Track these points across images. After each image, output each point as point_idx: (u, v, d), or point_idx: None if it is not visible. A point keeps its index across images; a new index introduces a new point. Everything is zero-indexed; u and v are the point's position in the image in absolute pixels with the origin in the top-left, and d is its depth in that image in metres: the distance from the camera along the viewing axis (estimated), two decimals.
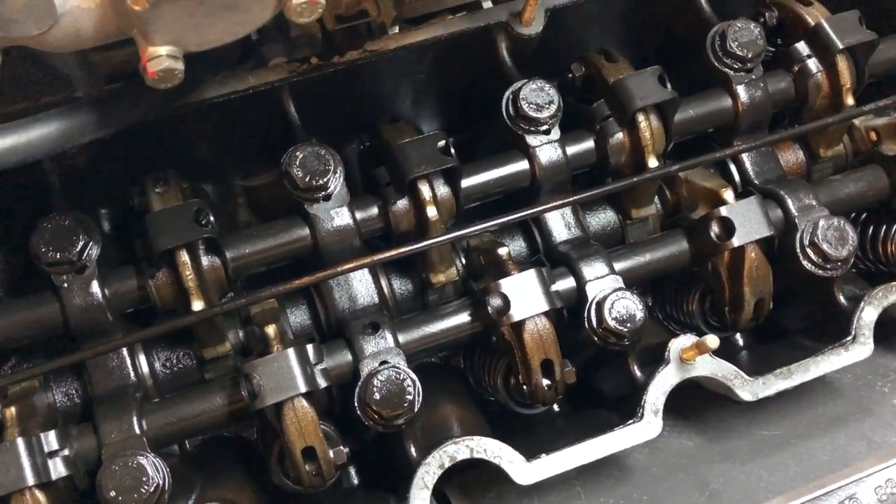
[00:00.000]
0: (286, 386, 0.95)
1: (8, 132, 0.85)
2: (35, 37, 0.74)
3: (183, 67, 0.76)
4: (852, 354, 1.08)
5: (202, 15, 0.73)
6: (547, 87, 1.10)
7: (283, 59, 1.17)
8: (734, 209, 1.07)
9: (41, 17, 0.71)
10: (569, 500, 1.09)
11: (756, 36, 1.15)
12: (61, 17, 0.72)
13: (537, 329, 1.02)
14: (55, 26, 0.72)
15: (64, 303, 1.00)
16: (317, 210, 1.05)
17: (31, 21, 0.71)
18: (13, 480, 0.90)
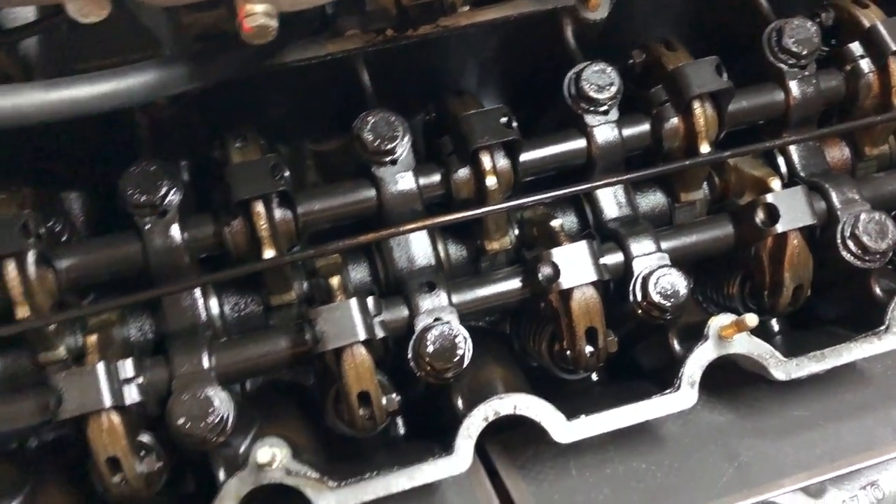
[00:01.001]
0: (347, 333, 1.02)
1: (107, 78, 0.92)
2: None
3: (277, 25, 0.83)
4: (884, 343, 1.12)
5: None
6: (608, 70, 1.16)
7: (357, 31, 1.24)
8: (780, 197, 1.12)
9: None
10: (602, 462, 1.15)
11: (812, 34, 1.20)
12: None
13: (584, 298, 1.07)
14: None
15: (145, 243, 1.07)
16: (383, 173, 1.12)
17: None
18: (92, 401, 0.98)
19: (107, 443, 0.98)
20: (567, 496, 1.11)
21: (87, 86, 0.89)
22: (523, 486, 1.13)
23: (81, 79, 0.89)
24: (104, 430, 0.98)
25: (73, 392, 0.97)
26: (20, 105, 0.84)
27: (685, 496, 1.08)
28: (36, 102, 0.85)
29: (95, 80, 0.90)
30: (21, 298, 1.01)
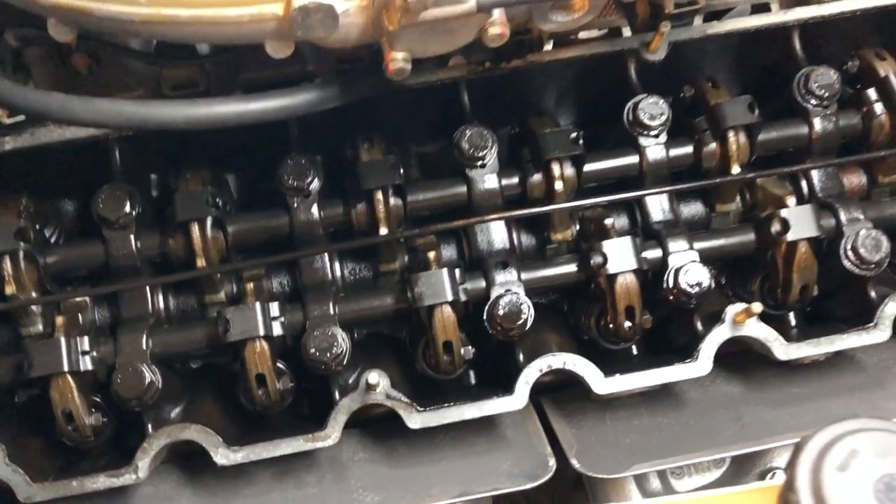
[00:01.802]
0: (438, 294, 1.33)
1: (285, 95, 1.24)
2: (321, 37, 1.13)
3: (410, 68, 1.15)
4: (872, 337, 1.37)
5: (429, 35, 1.11)
6: (661, 102, 1.44)
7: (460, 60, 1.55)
8: (792, 212, 1.38)
9: (329, 26, 1.10)
10: (633, 416, 1.44)
11: (833, 80, 1.46)
12: (340, 27, 1.11)
13: (626, 282, 1.36)
14: (334, 33, 1.11)
15: (292, 217, 1.41)
16: (474, 174, 1.43)
17: (322, 28, 1.10)
18: (251, 330, 1.31)
19: (258, 362, 1.32)
20: (600, 438, 1.40)
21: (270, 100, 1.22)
22: (567, 429, 1.42)
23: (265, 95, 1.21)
24: (257, 352, 1.32)
25: (238, 322, 1.31)
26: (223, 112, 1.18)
27: (694, 444, 1.36)
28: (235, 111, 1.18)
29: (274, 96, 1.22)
30: (200, 252, 1.37)
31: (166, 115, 1.15)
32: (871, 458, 0.83)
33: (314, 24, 1.06)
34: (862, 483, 0.81)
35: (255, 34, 1.09)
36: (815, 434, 0.86)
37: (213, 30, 1.06)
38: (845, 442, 0.84)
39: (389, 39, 1.11)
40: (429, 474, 1.36)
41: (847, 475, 0.82)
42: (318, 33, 1.08)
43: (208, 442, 1.31)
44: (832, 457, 0.83)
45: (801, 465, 0.84)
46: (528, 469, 1.34)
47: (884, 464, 0.83)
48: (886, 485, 0.81)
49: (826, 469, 0.82)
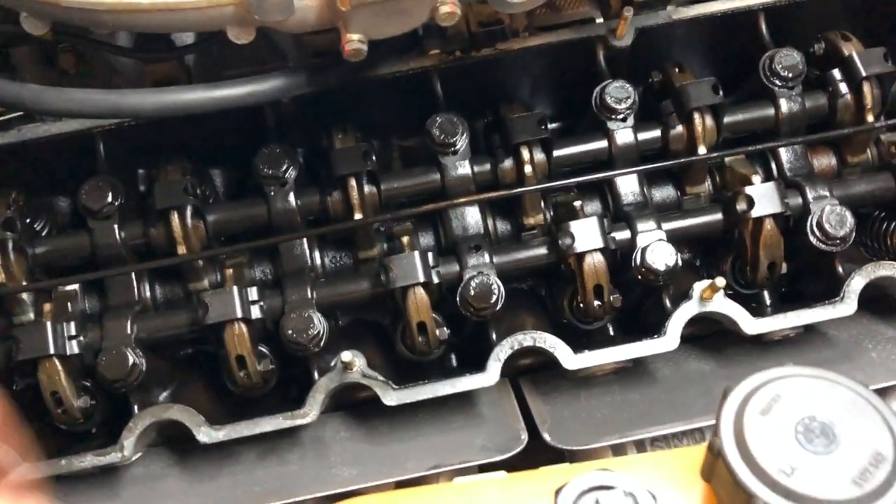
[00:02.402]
0: (410, 276, 1.37)
1: (251, 82, 1.30)
2: (278, 21, 1.19)
3: (366, 49, 1.19)
4: (838, 311, 1.40)
5: (382, 16, 1.15)
6: (627, 86, 1.48)
7: (437, 51, 1.59)
8: (757, 189, 1.41)
9: (285, 10, 1.15)
10: (606, 393, 1.47)
11: (797, 62, 1.49)
12: (296, 11, 1.16)
13: (593, 261, 1.40)
14: (291, 17, 1.16)
15: (269, 205, 1.45)
16: (446, 161, 1.47)
17: (278, 12, 1.15)
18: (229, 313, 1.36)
19: (237, 344, 1.37)
20: (573, 413, 1.43)
21: (237, 87, 1.27)
22: (542, 406, 1.45)
23: (232, 82, 1.27)
24: (235, 334, 1.36)
25: (216, 305, 1.35)
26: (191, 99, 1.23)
27: (663, 417, 1.38)
28: (202, 98, 1.24)
29: (243, 83, 1.28)
30: (180, 240, 1.42)
31: (136, 103, 1.20)
32: (792, 401, 0.86)
33: (270, 8, 1.11)
34: (782, 425, 0.84)
35: (216, 20, 1.14)
36: (742, 381, 0.89)
37: (175, 17, 1.11)
38: (769, 387, 0.87)
39: (344, 21, 1.16)
40: (405, 449, 1.40)
41: (768, 418, 0.85)
42: (274, 17, 1.13)
43: (191, 421, 1.36)
44: (755, 402, 0.86)
45: (725, 410, 0.87)
46: (501, 443, 1.38)
47: (805, 406, 0.85)
48: (806, 426, 0.84)
49: (748, 413, 0.85)
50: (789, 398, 0.86)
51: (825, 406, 0.85)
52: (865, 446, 0.83)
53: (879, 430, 0.84)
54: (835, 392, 0.87)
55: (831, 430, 0.84)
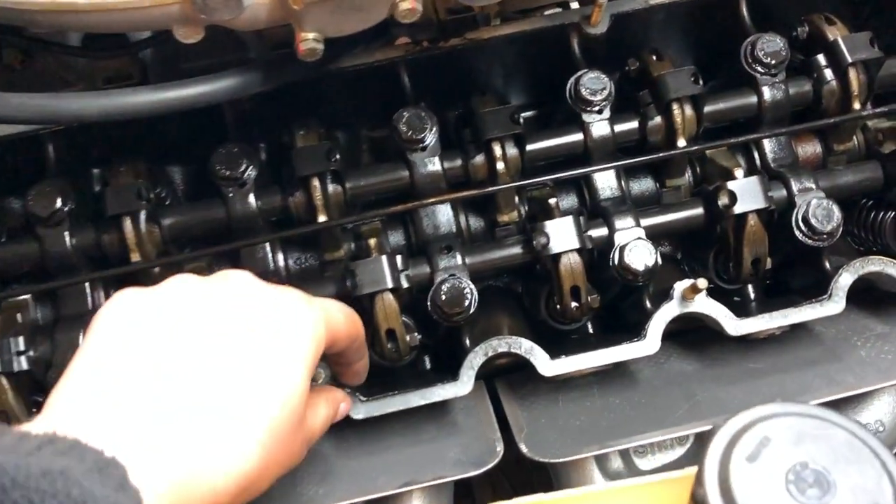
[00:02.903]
0: (378, 281, 1.30)
1: (203, 82, 1.22)
2: (227, 20, 1.11)
3: (323, 48, 1.11)
4: (825, 309, 1.34)
5: (338, 13, 1.08)
6: (602, 77, 1.40)
7: (406, 40, 1.51)
8: (739, 184, 1.35)
9: (233, 8, 1.07)
10: (585, 397, 1.41)
11: (780, 47, 1.42)
12: (246, 9, 1.09)
13: (570, 262, 1.33)
14: (241, 15, 1.08)
15: (228, 208, 1.38)
16: (415, 158, 1.40)
17: (226, 10, 1.07)
18: None
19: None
20: (550, 420, 1.37)
21: (187, 88, 1.19)
22: (518, 412, 1.39)
23: (182, 83, 1.19)
24: None
25: None
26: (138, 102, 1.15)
27: (643, 425, 1.32)
28: (149, 100, 1.16)
29: (194, 83, 1.20)
30: (133, 247, 1.34)
31: (78, 108, 1.12)
32: (783, 446, 0.79)
33: (217, 6, 1.03)
34: (772, 473, 0.78)
35: (161, 19, 1.06)
36: (726, 422, 0.82)
37: (116, 16, 1.03)
38: (756, 429, 0.81)
39: (297, 19, 1.08)
40: (375, 464, 1.34)
41: (757, 465, 0.78)
42: (222, 15, 1.05)
43: None
44: (741, 446, 0.80)
45: (709, 456, 0.80)
46: (476, 455, 1.32)
47: (797, 452, 0.79)
48: (797, 475, 0.77)
49: (735, 460, 0.79)
50: (779, 442, 0.80)
51: (818, 450, 0.79)
52: (863, 498, 0.76)
53: (878, 477, 0.77)
54: (829, 433, 0.80)
55: (825, 478, 0.77)
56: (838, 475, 0.77)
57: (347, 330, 1.17)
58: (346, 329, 1.16)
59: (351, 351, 1.21)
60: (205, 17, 1.04)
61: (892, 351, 1.40)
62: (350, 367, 1.26)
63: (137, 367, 0.93)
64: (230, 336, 0.99)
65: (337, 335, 1.13)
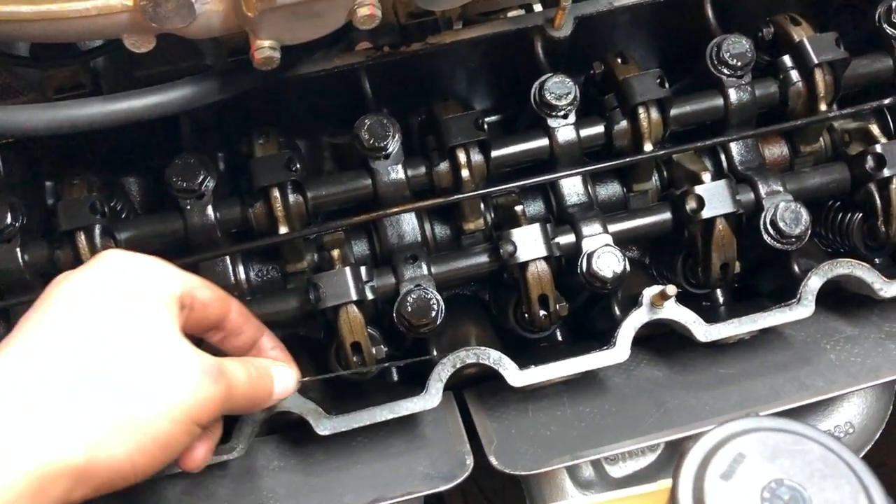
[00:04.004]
0: (342, 294, 1.27)
1: (155, 93, 1.18)
2: (179, 28, 1.07)
3: (279, 56, 1.08)
4: (795, 314, 1.33)
5: (294, 21, 1.04)
6: (567, 81, 1.38)
7: (367, 45, 1.48)
8: (707, 188, 1.33)
9: (185, 16, 1.03)
10: (555, 406, 1.39)
11: (746, 49, 1.40)
12: (199, 16, 1.05)
13: (537, 270, 1.31)
14: (194, 22, 1.05)
15: (186, 220, 1.34)
16: (378, 166, 1.37)
17: (178, 18, 1.04)
18: None
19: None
20: (521, 431, 1.35)
21: (138, 99, 1.15)
22: (487, 423, 1.37)
23: (134, 93, 1.15)
24: None
25: None
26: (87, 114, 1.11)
27: (614, 434, 1.31)
28: (99, 112, 1.12)
29: (145, 94, 1.16)
30: None
31: (25, 121, 1.08)
32: (757, 462, 0.78)
33: (168, 15, 0.99)
34: (747, 491, 0.76)
35: (110, 29, 1.02)
36: (700, 438, 0.80)
37: (62, 25, 0.99)
38: (731, 445, 0.79)
39: (253, 27, 1.05)
40: (343, 480, 1.31)
41: (731, 483, 0.76)
42: (174, 24, 1.01)
43: None
44: (716, 463, 0.78)
45: (683, 474, 0.78)
46: (445, 470, 1.29)
47: (772, 468, 0.77)
48: (773, 492, 0.76)
49: (709, 478, 0.77)
50: (754, 458, 0.78)
51: (793, 466, 0.77)
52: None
53: (854, 493, 0.76)
54: (804, 448, 0.79)
55: (801, 494, 0.76)
56: (814, 491, 0.76)
57: (213, 295, 1.14)
58: (211, 294, 1.14)
59: (231, 323, 1.19)
60: (156, 25, 1.00)
61: (861, 353, 1.39)
62: (242, 341, 1.22)
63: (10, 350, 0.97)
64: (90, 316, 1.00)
65: (201, 300, 1.12)
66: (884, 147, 1.37)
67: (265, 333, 1.25)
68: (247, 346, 1.22)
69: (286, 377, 1.21)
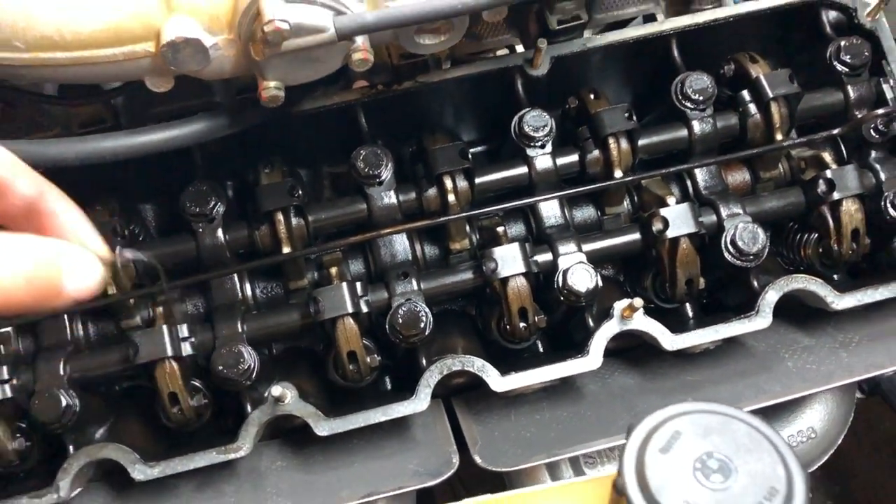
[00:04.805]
0: (339, 307, 1.40)
1: (172, 127, 1.32)
2: (195, 71, 1.21)
3: (284, 95, 1.22)
4: (754, 324, 1.45)
5: (297, 64, 1.18)
6: (544, 115, 1.52)
7: (363, 83, 1.63)
8: (671, 211, 1.47)
9: (200, 60, 1.18)
10: (535, 411, 1.51)
11: (707, 85, 1.54)
12: (212, 61, 1.19)
13: (517, 285, 1.44)
14: (207, 66, 1.19)
15: (198, 242, 1.48)
16: (372, 192, 1.50)
17: (194, 62, 1.18)
18: (159, 351, 1.39)
19: (168, 382, 1.39)
20: (503, 434, 1.47)
21: (157, 133, 1.29)
22: (473, 426, 1.49)
23: (152, 128, 1.29)
24: (167, 372, 1.39)
25: (146, 345, 1.38)
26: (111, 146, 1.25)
27: (589, 435, 1.43)
28: (122, 145, 1.26)
29: (163, 128, 1.30)
30: (109, 280, 1.43)
31: (57, 153, 1.22)
32: (691, 438, 0.90)
33: (185, 59, 1.14)
34: (681, 462, 0.88)
35: (134, 71, 1.16)
36: (643, 419, 0.93)
37: (93, 70, 1.14)
38: (669, 425, 0.92)
39: (260, 69, 1.19)
40: (340, 477, 1.43)
41: (668, 456, 0.89)
42: (190, 67, 1.15)
43: (125, 459, 1.38)
44: (656, 440, 0.90)
45: (627, 449, 0.91)
46: (433, 467, 1.42)
47: (703, 443, 0.90)
48: (703, 463, 0.88)
49: (649, 452, 0.89)
50: (688, 435, 0.91)
51: (723, 442, 0.90)
52: (760, 481, 0.87)
53: (774, 464, 0.88)
54: (732, 427, 0.91)
55: (728, 465, 0.88)
56: (739, 462, 0.88)
57: None
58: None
59: None
60: (174, 68, 1.15)
61: (817, 361, 1.52)
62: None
63: None
64: None
65: None
66: (833, 172, 1.51)
67: (54, 194, 0.98)
68: (18, 210, 0.94)
69: (83, 265, 0.91)
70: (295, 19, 1.09)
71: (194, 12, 1.12)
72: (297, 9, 1.08)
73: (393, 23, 1.14)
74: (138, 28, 1.11)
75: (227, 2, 1.13)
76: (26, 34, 1.10)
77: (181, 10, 1.11)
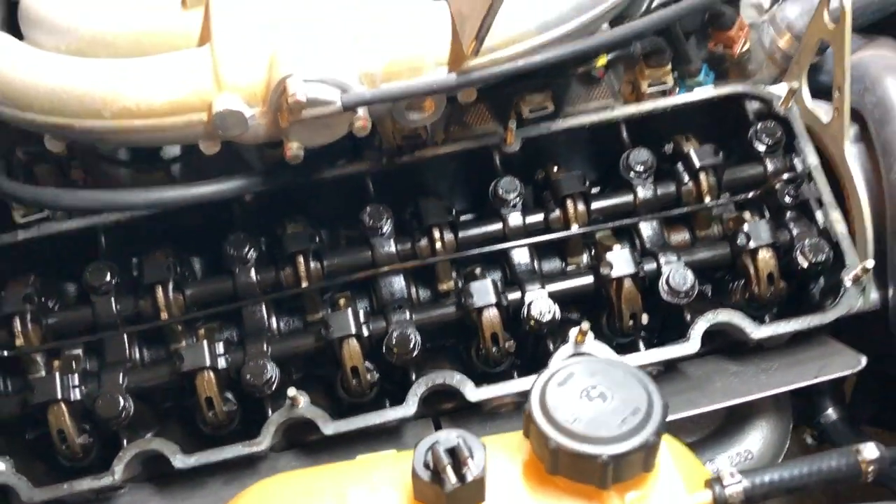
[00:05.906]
0: (345, 328, 1.74)
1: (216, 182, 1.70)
2: (237, 136, 1.60)
3: (303, 154, 1.60)
4: (683, 349, 1.75)
5: (313, 129, 1.56)
6: (514, 181, 1.88)
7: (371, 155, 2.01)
8: (615, 255, 1.79)
9: (242, 127, 1.56)
10: (509, 421, 1.82)
11: (647, 158, 1.90)
12: (249, 127, 1.58)
13: (489, 315, 1.77)
14: (246, 132, 1.58)
15: (235, 281, 1.84)
16: (375, 241, 1.86)
17: (237, 129, 1.57)
18: (199, 361, 1.73)
19: (206, 388, 1.73)
20: None
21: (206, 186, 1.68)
22: None
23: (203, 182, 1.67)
24: (205, 380, 1.73)
25: (190, 357, 1.72)
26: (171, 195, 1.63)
27: None
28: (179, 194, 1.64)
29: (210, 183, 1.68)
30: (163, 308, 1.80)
31: (129, 199, 1.61)
32: (581, 377, 1.22)
33: (231, 126, 1.52)
34: (573, 391, 1.20)
35: (191, 136, 1.55)
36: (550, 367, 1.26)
37: (162, 134, 1.53)
38: (567, 369, 1.24)
39: (285, 133, 1.57)
40: None
41: (564, 388, 1.21)
42: (234, 133, 1.54)
43: (168, 450, 1.71)
44: (556, 377, 1.23)
45: (536, 385, 1.23)
46: None
47: (590, 380, 1.22)
48: (588, 391, 1.21)
49: (550, 385, 1.22)
50: (580, 375, 1.24)
51: (604, 380, 1.23)
52: (629, 402, 1.20)
53: (639, 393, 1.21)
54: (612, 371, 1.24)
55: (605, 394, 1.21)
56: (615, 392, 1.21)
57: None
58: None
59: None
60: (221, 132, 1.53)
61: (741, 383, 1.82)
62: None
63: None
64: None
65: None
66: (749, 225, 1.84)
67: None
68: None
69: None
70: (311, 94, 1.48)
71: (237, 89, 1.51)
72: (313, 87, 1.47)
73: (385, 97, 1.53)
74: (196, 101, 1.51)
75: (262, 81, 1.52)
76: (113, 106, 1.50)
77: (227, 88, 1.50)
